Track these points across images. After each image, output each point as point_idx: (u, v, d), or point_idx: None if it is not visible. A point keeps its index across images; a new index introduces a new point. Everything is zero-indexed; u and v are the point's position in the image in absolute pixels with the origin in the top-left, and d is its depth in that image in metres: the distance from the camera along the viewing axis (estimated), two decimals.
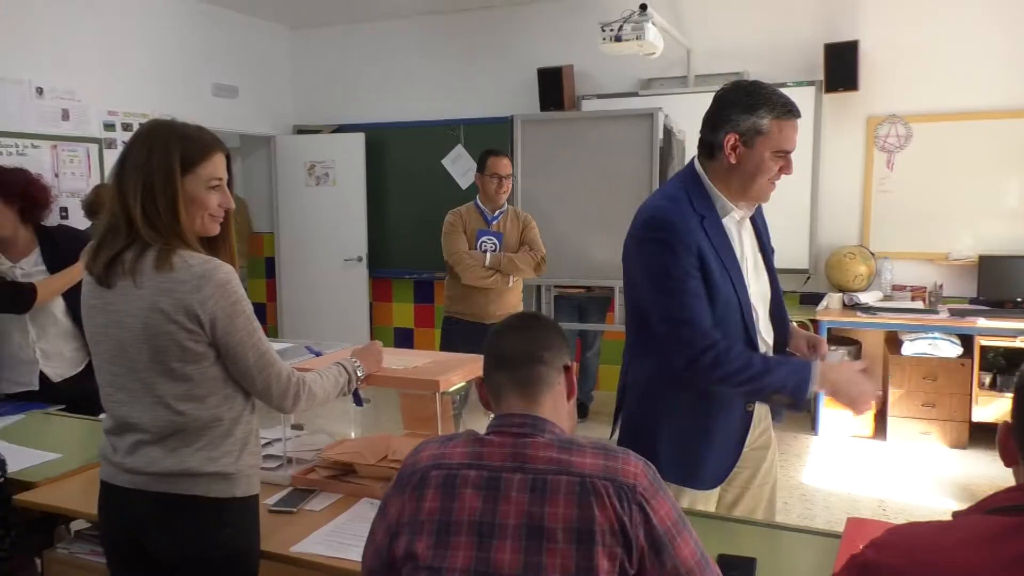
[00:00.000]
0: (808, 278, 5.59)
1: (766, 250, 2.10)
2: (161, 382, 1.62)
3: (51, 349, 2.98)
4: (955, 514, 1.06)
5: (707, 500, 2.09)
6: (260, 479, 1.79)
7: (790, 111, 1.92)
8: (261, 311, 7.37)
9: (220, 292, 1.60)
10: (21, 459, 2.33)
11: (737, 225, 2.02)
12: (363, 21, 6.73)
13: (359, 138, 6.68)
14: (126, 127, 5.47)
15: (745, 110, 1.91)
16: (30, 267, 2.95)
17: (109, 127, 5.38)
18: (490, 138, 6.23)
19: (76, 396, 2.94)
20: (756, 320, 2.00)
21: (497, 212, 4.21)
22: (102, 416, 1.79)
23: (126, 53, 5.48)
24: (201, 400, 1.64)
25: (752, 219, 2.09)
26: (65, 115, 5.08)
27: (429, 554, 1.26)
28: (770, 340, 2.08)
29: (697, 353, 1.85)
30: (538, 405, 1.37)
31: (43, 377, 2.97)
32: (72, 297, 2.95)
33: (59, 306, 2.99)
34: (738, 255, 1.99)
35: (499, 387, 1.41)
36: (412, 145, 6.65)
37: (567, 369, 1.44)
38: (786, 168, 1.95)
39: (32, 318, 2.93)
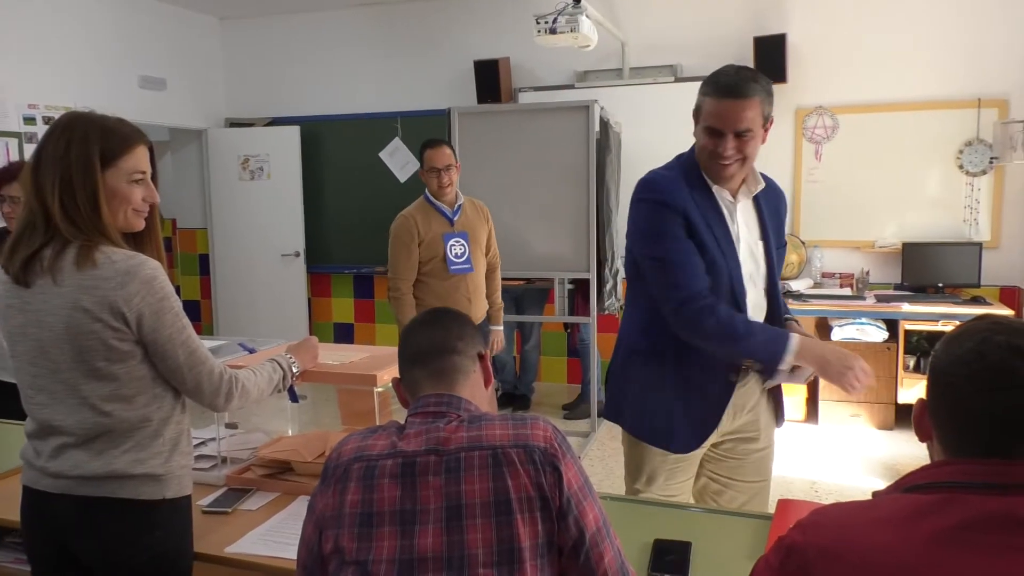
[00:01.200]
0: None
1: (767, 239, 2.08)
2: (85, 383, 1.57)
3: None
4: (875, 493, 1.10)
5: (684, 467, 2.12)
6: (192, 480, 1.75)
7: (718, 90, 1.93)
8: (195, 308, 7.19)
9: (146, 288, 1.55)
10: None
11: (730, 206, 2.03)
12: (296, 11, 6.61)
13: (294, 131, 6.56)
14: (47, 120, 5.26)
15: (700, 89, 1.99)
16: None
17: (29, 120, 5.16)
18: (428, 131, 6.18)
19: None
20: (745, 297, 2.01)
21: (456, 206, 3.84)
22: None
23: (47, 43, 5.27)
24: (128, 400, 1.59)
25: (760, 209, 2.09)
26: None
27: (354, 547, 1.25)
28: (759, 318, 2.08)
29: (686, 297, 1.91)
30: (455, 393, 1.39)
31: None
32: None
33: None
34: (733, 235, 2.01)
35: (415, 382, 1.41)
36: (349, 138, 6.56)
37: (481, 357, 1.46)
38: (719, 146, 1.94)
39: None
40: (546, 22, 4.51)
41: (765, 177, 2.13)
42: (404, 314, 3.68)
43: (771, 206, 2.13)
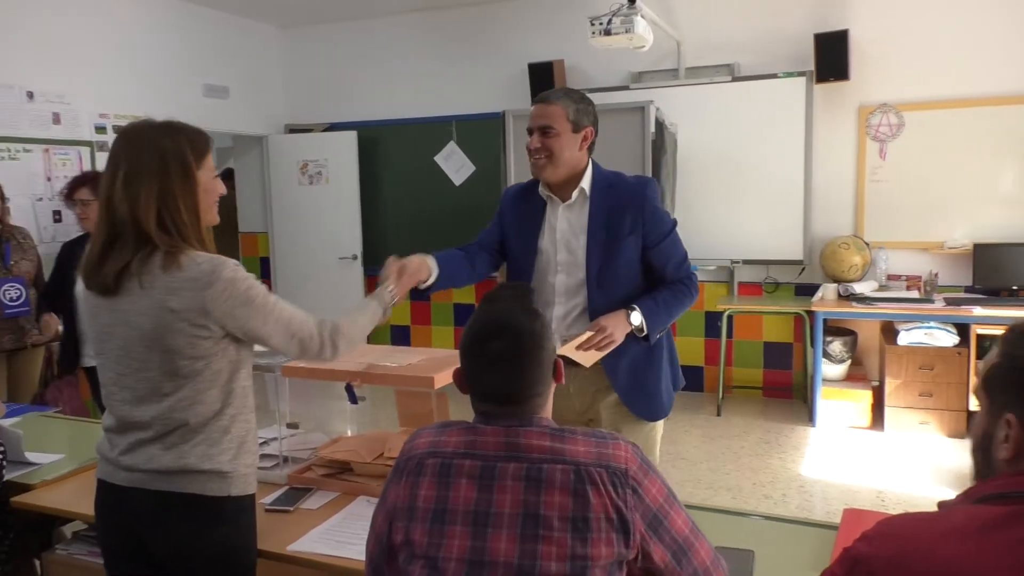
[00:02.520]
0: (803, 269, 5.60)
1: (593, 234, 2.31)
2: (166, 380, 1.62)
3: None
4: (942, 504, 1.06)
5: None
6: (257, 480, 1.79)
7: (533, 101, 2.37)
8: None
9: (231, 287, 1.61)
10: (16, 464, 2.33)
11: (559, 210, 2.36)
12: (354, 19, 6.72)
13: (351, 136, 6.66)
14: (117, 129, 5.45)
15: None
16: None
17: (100, 130, 5.35)
18: (482, 134, 6.24)
19: None
20: (552, 284, 2.34)
21: None
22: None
23: (116, 55, 5.46)
24: (203, 396, 1.64)
25: (593, 207, 2.33)
26: (56, 118, 5.06)
27: (425, 541, 1.26)
28: (570, 304, 2.34)
29: None
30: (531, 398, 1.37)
31: None
32: None
33: None
34: (544, 232, 2.36)
35: (485, 390, 1.36)
36: (405, 142, 6.64)
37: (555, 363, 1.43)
38: (529, 143, 2.32)
39: None
40: (600, 23, 4.49)
41: (623, 177, 2.41)
42: None
43: (615, 205, 2.33)
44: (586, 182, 2.37)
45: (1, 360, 3.83)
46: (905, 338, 4.86)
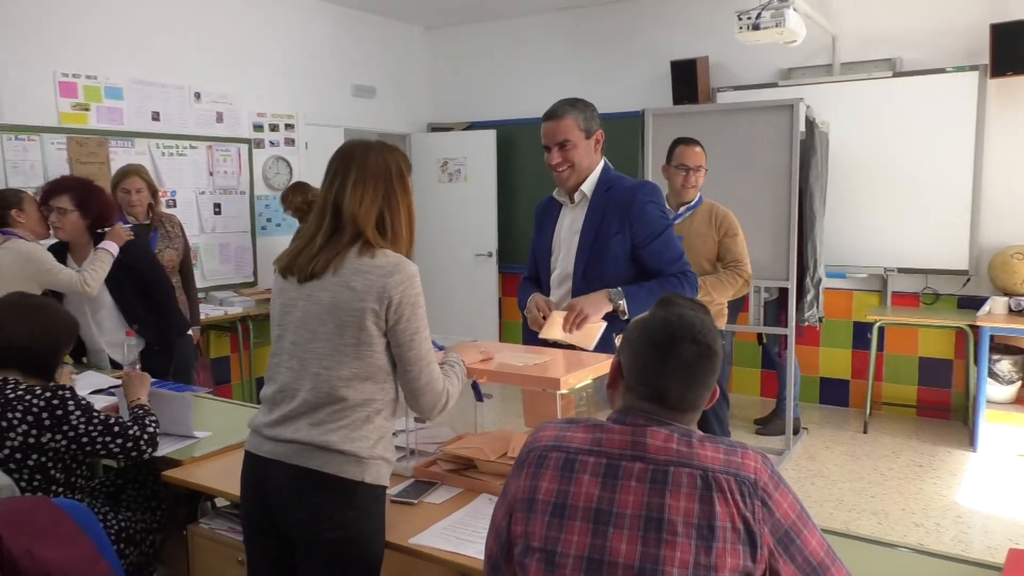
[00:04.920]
0: (968, 280, 5.15)
1: (585, 232, 2.52)
2: (332, 355, 1.72)
3: (112, 340, 3.40)
4: None
5: None
6: (390, 475, 1.83)
7: (543, 117, 2.57)
8: None
9: (409, 282, 1.74)
10: (170, 439, 2.49)
11: (567, 210, 2.62)
12: (496, 19, 6.80)
13: (490, 135, 6.75)
14: (273, 127, 5.78)
15: None
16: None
17: (257, 128, 5.69)
18: (621, 133, 6.14)
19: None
20: (548, 274, 2.64)
21: (683, 209, 3.71)
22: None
23: (272, 58, 5.79)
24: (360, 382, 1.73)
25: (592, 208, 2.53)
26: (219, 117, 5.42)
27: (543, 534, 1.25)
28: (557, 293, 2.60)
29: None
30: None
31: (112, 361, 3.43)
32: (122, 297, 3.36)
33: (108, 304, 3.37)
34: (555, 231, 2.62)
35: (658, 392, 1.31)
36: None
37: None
38: (549, 159, 2.53)
39: (93, 316, 3.36)
40: (749, 18, 4.31)
41: (623, 180, 2.56)
42: None
43: (608, 206, 2.50)
44: (587, 185, 2.56)
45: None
46: None
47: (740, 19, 4.33)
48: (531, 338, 2.57)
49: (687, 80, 5.75)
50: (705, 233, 3.67)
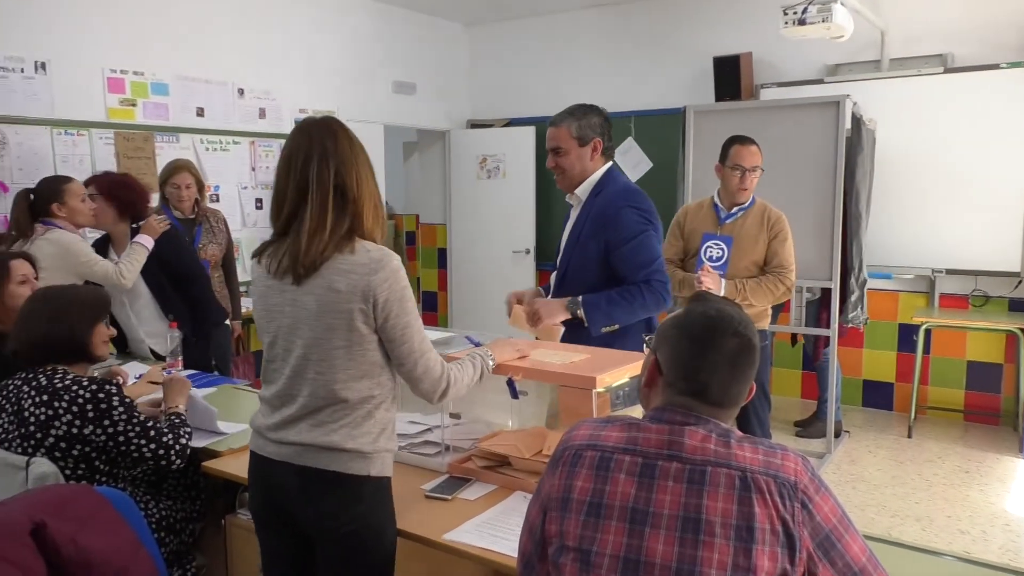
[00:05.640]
0: (1020, 282, 5.00)
1: (573, 236, 2.65)
2: (325, 359, 1.70)
3: (151, 330, 3.48)
4: None
5: None
6: (393, 464, 1.82)
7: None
8: (433, 300, 7.63)
9: (394, 277, 1.68)
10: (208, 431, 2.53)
11: (572, 211, 2.74)
12: (536, 15, 6.77)
13: (529, 131, 6.73)
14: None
15: None
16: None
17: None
18: (662, 130, 6.09)
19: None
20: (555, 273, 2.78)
21: (736, 209, 3.53)
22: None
23: (315, 54, 5.84)
24: (356, 381, 1.71)
25: (584, 213, 2.63)
26: (262, 113, 5.49)
27: (578, 533, 1.24)
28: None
29: None
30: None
31: (153, 351, 3.51)
32: (158, 288, 3.43)
33: (145, 295, 3.45)
34: (566, 231, 2.74)
35: (699, 386, 1.30)
36: None
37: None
38: (548, 162, 2.70)
39: (131, 307, 3.44)
40: (795, 12, 4.23)
41: (615, 186, 2.61)
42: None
43: (594, 211, 2.60)
44: (581, 189, 2.65)
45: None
46: None
47: (785, 14, 4.26)
48: (567, 336, 2.58)
49: (730, 76, 5.66)
50: (756, 235, 3.49)
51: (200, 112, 5.11)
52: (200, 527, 2.51)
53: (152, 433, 2.20)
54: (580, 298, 2.52)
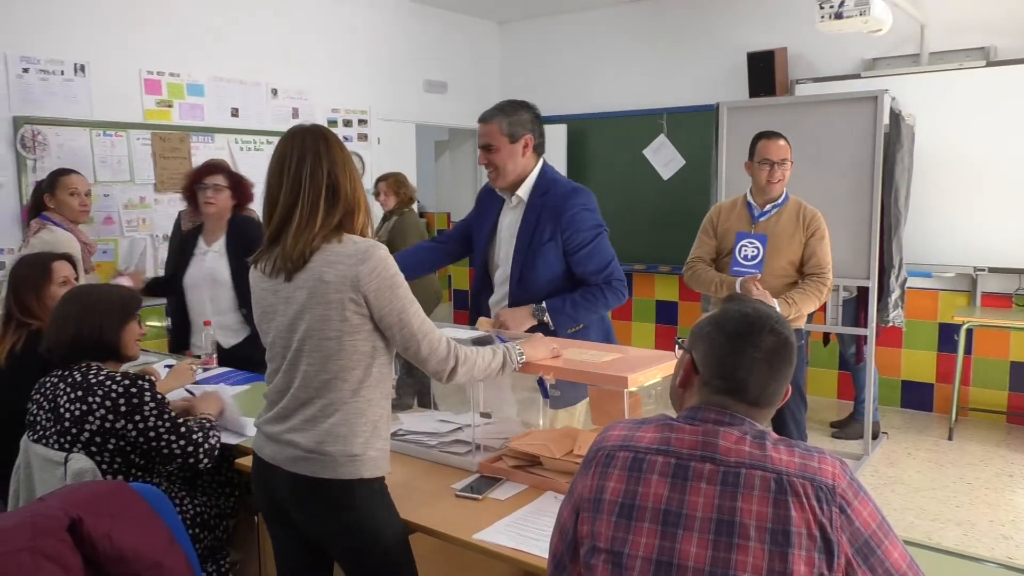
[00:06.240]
0: None
1: (520, 236, 2.61)
2: (315, 351, 1.71)
3: (223, 321, 3.38)
4: None
5: None
6: (388, 462, 1.82)
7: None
8: (464, 298, 7.64)
9: (382, 266, 1.69)
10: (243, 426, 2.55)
11: (507, 208, 2.70)
12: (568, 12, 6.75)
13: (561, 129, 6.70)
14: (347, 123, 5.88)
15: None
16: (219, 249, 3.40)
17: (332, 123, 5.79)
18: (694, 127, 6.03)
19: (238, 361, 3.32)
20: (493, 272, 2.75)
21: (769, 207, 3.41)
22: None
23: (346, 54, 5.88)
24: (348, 372, 1.71)
25: (527, 212, 2.60)
26: (295, 113, 5.54)
27: (610, 535, 1.23)
28: (500, 293, 2.71)
29: None
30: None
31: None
32: (239, 276, 3.35)
33: (227, 285, 3.36)
34: (497, 224, 2.71)
35: (737, 384, 1.27)
36: (613, 135, 6.57)
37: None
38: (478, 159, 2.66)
39: (210, 292, 3.38)
40: (831, 6, 4.16)
41: (558, 185, 2.61)
42: (698, 283, 3.57)
43: (542, 212, 2.57)
44: (523, 189, 2.63)
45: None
46: None
47: (822, 8, 4.18)
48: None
49: (764, 72, 5.59)
50: (792, 234, 3.35)
51: (235, 112, 5.17)
52: (234, 523, 2.53)
53: (183, 430, 2.23)
54: (544, 304, 2.55)
